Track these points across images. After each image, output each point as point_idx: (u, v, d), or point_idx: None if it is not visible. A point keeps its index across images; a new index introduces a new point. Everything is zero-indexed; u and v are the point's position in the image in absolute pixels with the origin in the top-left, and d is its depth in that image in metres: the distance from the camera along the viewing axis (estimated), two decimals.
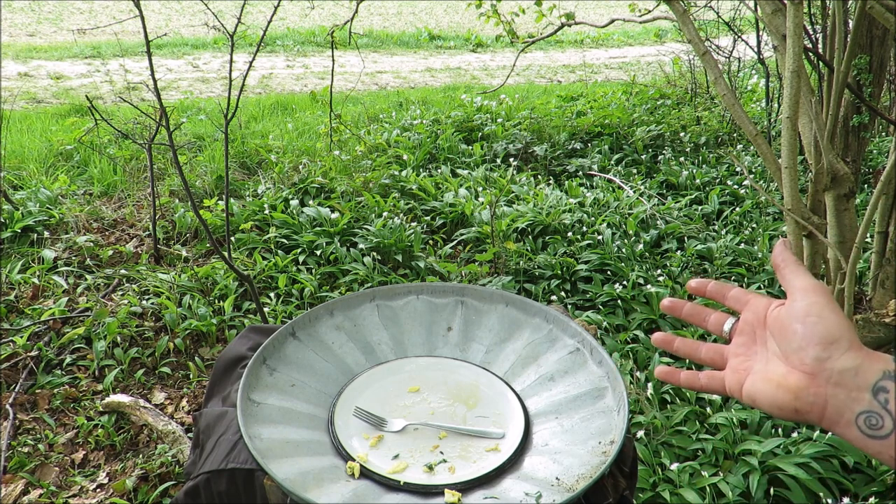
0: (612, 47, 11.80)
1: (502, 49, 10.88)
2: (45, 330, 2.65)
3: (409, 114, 5.76)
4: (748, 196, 4.06)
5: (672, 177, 4.42)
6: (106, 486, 2.03)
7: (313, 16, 11.34)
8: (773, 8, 2.05)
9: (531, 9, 4.27)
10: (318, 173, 4.11)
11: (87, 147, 4.40)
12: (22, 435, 2.19)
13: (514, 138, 5.05)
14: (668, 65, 7.35)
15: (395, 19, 13.87)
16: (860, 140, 3.11)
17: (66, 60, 8.12)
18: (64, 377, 2.45)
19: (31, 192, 3.67)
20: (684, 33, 2.14)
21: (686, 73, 6.60)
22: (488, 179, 4.36)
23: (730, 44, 5.65)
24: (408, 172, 4.24)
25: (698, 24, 5.50)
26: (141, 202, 3.89)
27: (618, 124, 5.37)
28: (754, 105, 5.96)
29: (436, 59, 10.05)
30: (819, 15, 3.63)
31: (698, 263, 3.34)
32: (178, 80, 7.47)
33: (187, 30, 10.52)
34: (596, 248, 3.40)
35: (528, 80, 8.67)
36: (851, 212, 2.28)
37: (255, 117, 5.79)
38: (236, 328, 2.75)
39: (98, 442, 2.19)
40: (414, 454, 0.98)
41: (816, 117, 2.06)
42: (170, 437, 2.16)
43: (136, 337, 2.65)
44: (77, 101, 5.96)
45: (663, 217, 3.73)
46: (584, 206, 3.91)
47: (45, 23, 11.09)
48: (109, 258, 3.20)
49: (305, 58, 9.42)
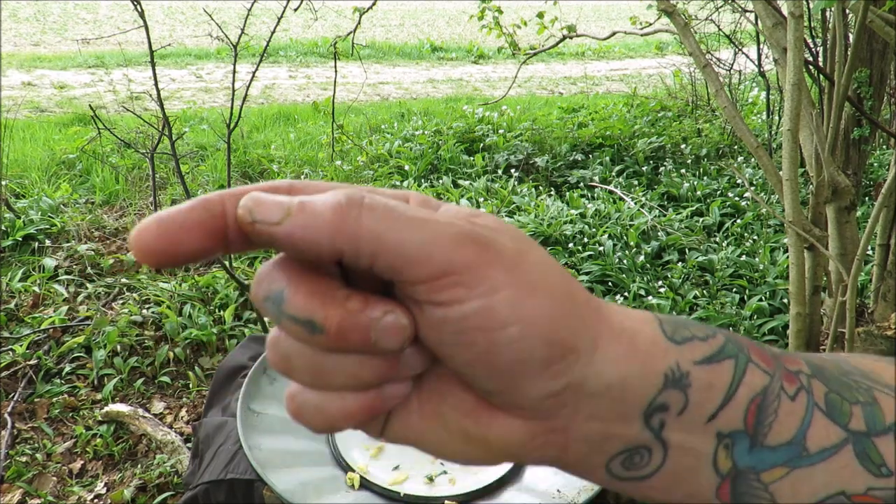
0: (613, 59, 11.85)
1: (504, 61, 10.93)
2: (45, 338, 2.65)
3: (411, 124, 5.77)
4: (749, 208, 4.06)
5: (673, 188, 4.42)
6: (104, 497, 2.01)
7: (316, 27, 11.40)
8: (774, 21, 2.06)
9: (533, 21, 4.29)
10: None
11: (89, 156, 4.41)
12: (20, 444, 2.18)
13: (515, 149, 5.07)
14: (669, 77, 7.38)
15: (397, 31, 13.95)
16: (861, 153, 3.12)
17: (70, 70, 8.16)
18: (63, 386, 2.44)
19: (32, 201, 3.67)
20: (685, 46, 2.15)
21: (687, 86, 6.63)
22: (490, 190, 4.37)
23: (731, 56, 5.67)
24: (409, 183, 4.24)
25: (699, 37, 5.53)
26: (143, 211, 3.90)
27: (619, 136, 5.38)
28: (755, 117, 5.98)
29: (438, 70, 10.09)
30: (819, 28, 3.65)
31: (699, 275, 3.33)
32: (181, 90, 7.50)
33: (191, 40, 10.58)
34: (597, 259, 3.40)
35: (529, 91, 8.70)
36: (853, 224, 2.28)
37: (258, 127, 5.81)
38: (237, 338, 2.74)
39: (96, 451, 2.18)
40: (414, 465, 0.98)
41: (817, 130, 2.07)
42: (169, 447, 2.15)
43: (135, 346, 2.64)
44: (80, 110, 5.99)
45: (664, 229, 3.73)
46: (585, 218, 3.92)
47: (50, 32, 11.16)
48: (110, 267, 3.20)
49: (308, 68, 9.46)
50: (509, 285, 0.27)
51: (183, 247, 0.26)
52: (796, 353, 0.33)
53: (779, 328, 2.71)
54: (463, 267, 0.26)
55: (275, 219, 0.26)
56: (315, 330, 0.26)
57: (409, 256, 0.26)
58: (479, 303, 0.26)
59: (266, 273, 0.28)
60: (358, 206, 0.25)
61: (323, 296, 0.26)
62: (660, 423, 0.30)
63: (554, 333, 0.27)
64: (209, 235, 0.27)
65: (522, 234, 0.29)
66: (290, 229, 0.26)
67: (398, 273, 0.26)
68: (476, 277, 0.26)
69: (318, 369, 0.27)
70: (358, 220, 0.25)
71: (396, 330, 0.26)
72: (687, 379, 0.29)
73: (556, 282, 0.28)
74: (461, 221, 0.27)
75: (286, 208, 0.26)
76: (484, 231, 0.27)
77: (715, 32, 5.48)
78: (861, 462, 0.31)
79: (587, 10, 16.55)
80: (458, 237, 0.26)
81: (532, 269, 0.28)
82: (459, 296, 0.26)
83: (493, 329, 0.26)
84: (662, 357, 0.30)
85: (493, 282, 0.26)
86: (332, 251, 0.26)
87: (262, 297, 0.27)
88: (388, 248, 0.25)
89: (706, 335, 0.31)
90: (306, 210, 0.26)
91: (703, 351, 0.30)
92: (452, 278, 0.26)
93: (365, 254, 0.26)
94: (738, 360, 0.31)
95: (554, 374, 0.27)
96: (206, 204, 0.27)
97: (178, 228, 0.26)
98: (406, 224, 0.26)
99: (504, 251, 0.27)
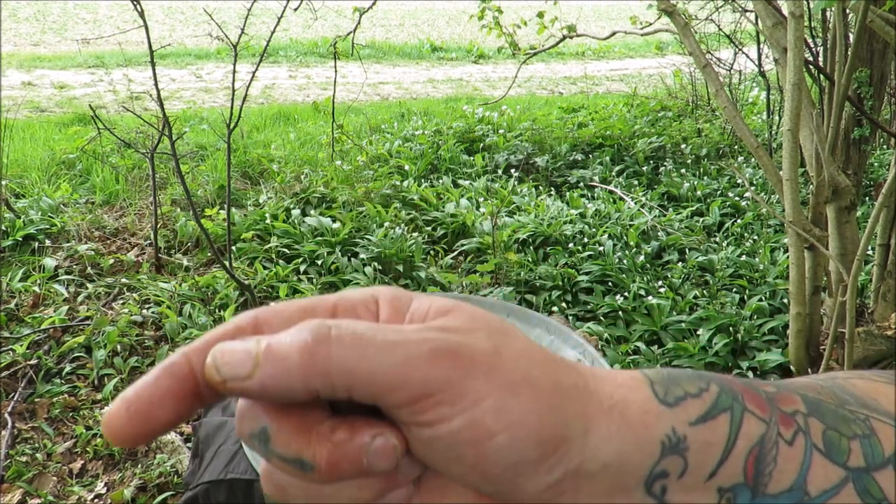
0: (613, 59, 11.85)
1: (504, 61, 10.93)
2: (45, 338, 2.65)
3: (411, 124, 5.77)
4: (749, 208, 4.06)
5: (673, 188, 4.42)
6: (104, 496, 2.01)
7: (316, 27, 11.41)
8: (774, 21, 2.06)
9: (533, 21, 4.29)
10: (319, 183, 4.12)
11: (89, 156, 4.41)
12: (20, 444, 2.18)
13: (515, 149, 5.07)
14: (669, 77, 7.38)
15: (397, 31, 13.95)
16: (861, 153, 3.12)
17: (70, 70, 8.17)
18: (63, 386, 2.44)
19: (32, 201, 3.67)
20: (685, 46, 2.16)
21: (687, 86, 6.63)
22: (490, 190, 4.37)
23: (731, 56, 5.68)
24: (409, 183, 4.24)
25: (699, 37, 5.53)
26: (142, 211, 3.90)
27: (619, 136, 5.39)
28: (755, 117, 5.98)
29: (438, 70, 10.10)
30: (820, 28, 3.65)
31: (699, 275, 3.33)
32: (181, 90, 7.50)
33: (191, 40, 10.58)
34: (597, 259, 3.40)
35: (529, 91, 8.70)
36: (853, 224, 2.28)
37: (258, 127, 5.81)
38: None
39: (97, 451, 2.18)
40: None
41: (817, 130, 2.07)
42: (169, 447, 2.15)
43: (135, 346, 2.64)
44: (80, 110, 5.99)
45: (664, 229, 3.73)
46: (585, 218, 3.92)
47: (50, 32, 11.17)
48: (110, 267, 3.20)
49: (308, 68, 9.46)
50: (491, 392, 0.26)
51: (156, 422, 0.25)
52: (791, 387, 0.33)
53: (779, 328, 2.71)
54: (442, 384, 0.25)
55: (244, 372, 0.25)
56: (306, 467, 0.25)
57: (385, 384, 0.25)
58: (464, 418, 0.25)
59: (247, 409, 0.27)
60: (326, 342, 0.25)
61: (308, 432, 0.26)
62: (661, 488, 0.29)
63: (543, 431, 0.26)
64: (181, 401, 0.26)
65: (498, 325, 0.28)
66: (261, 381, 0.25)
67: (378, 399, 0.25)
68: (456, 392, 0.25)
69: (316, 497, 0.27)
70: (327, 357, 0.25)
71: (387, 452, 0.26)
72: (684, 443, 0.29)
73: (539, 374, 0.27)
74: (432, 334, 0.26)
75: (254, 357, 0.25)
76: (456, 338, 0.26)
77: (715, 32, 5.48)
78: (863, 499, 0.31)
79: (587, 10, 16.54)
80: (430, 354, 0.25)
81: (511, 366, 0.27)
82: (443, 414, 0.25)
83: (481, 441, 0.26)
84: (657, 424, 0.29)
85: (474, 393, 0.26)
86: (307, 392, 0.25)
87: (247, 434, 0.27)
88: (361, 380, 0.25)
89: (699, 389, 0.31)
90: (273, 356, 0.25)
91: (697, 409, 0.30)
92: (433, 398, 0.25)
93: (340, 388, 0.25)
94: (733, 411, 0.30)
95: (549, 468, 0.27)
96: (171, 370, 0.26)
97: (148, 406, 0.25)
98: (377, 351, 0.25)
99: (478, 356, 0.26)
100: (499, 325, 0.28)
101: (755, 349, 2.65)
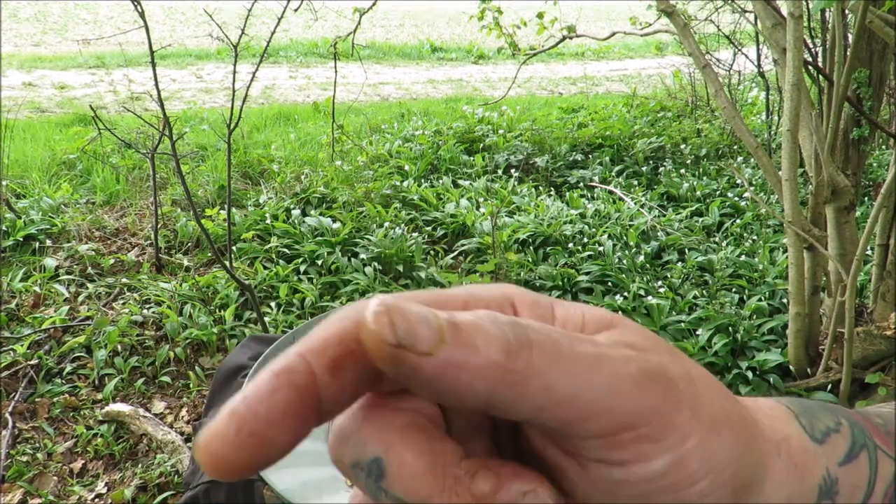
0: (612, 60, 11.85)
1: (504, 61, 10.93)
2: (46, 338, 2.65)
3: (411, 125, 5.78)
4: (749, 208, 4.07)
5: (673, 188, 4.42)
6: (105, 496, 2.02)
7: (316, 27, 11.41)
8: (774, 22, 2.06)
9: (533, 21, 4.30)
10: (319, 183, 4.12)
11: (90, 156, 4.42)
12: (21, 444, 2.19)
13: (515, 150, 5.07)
14: (668, 77, 7.39)
15: (397, 31, 13.95)
16: (860, 153, 3.12)
17: (71, 70, 8.17)
18: (64, 386, 2.44)
19: (33, 201, 3.68)
20: (685, 46, 2.16)
21: (686, 86, 6.63)
22: (489, 190, 4.38)
23: (730, 57, 5.68)
24: (409, 183, 4.25)
25: (699, 38, 5.53)
26: (143, 211, 3.90)
27: (619, 136, 5.39)
28: (754, 118, 5.98)
29: (438, 70, 10.10)
30: (819, 29, 3.66)
31: (699, 275, 3.34)
32: (181, 91, 7.51)
33: (191, 41, 10.58)
34: (597, 259, 3.40)
35: (529, 91, 8.70)
36: (852, 224, 2.28)
37: (258, 127, 5.81)
38: (237, 337, 2.75)
39: (97, 451, 2.19)
40: None
41: (817, 130, 2.07)
42: (169, 447, 2.16)
43: (136, 346, 2.65)
44: (81, 110, 5.99)
45: (664, 229, 3.73)
46: (585, 218, 3.92)
47: (50, 33, 11.17)
48: (111, 267, 3.20)
49: (308, 69, 9.47)
50: (695, 429, 0.21)
51: (273, 448, 0.19)
52: (891, 412, 0.32)
53: (778, 328, 2.71)
54: (649, 416, 0.20)
55: (425, 345, 0.18)
56: None
57: (588, 409, 0.20)
58: (667, 459, 0.20)
59: (351, 428, 0.21)
60: (527, 346, 0.19)
61: (441, 475, 0.19)
62: None
63: (738, 477, 0.22)
64: (304, 420, 0.20)
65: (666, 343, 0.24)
66: (443, 365, 0.18)
67: (568, 427, 0.20)
68: (663, 427, 0.20)
69: None
70: (529, 366, 0.19)
71: None
72: (836, 486, 0.27)
73: (729, 407, 0.23)
74: (631, 352, 0.21)
75: (436, 330, 0.18)
76: (656, 358, 0.22)
77: (714, 33, 5.48)
78: None
79: (587, 11, 16.54)
80: (639, 378, 0.20)
81: (707, 397, 0.22)
82: (645, 452, 0.20)
83: (680, 488, 0.21)
84: (814, 465, 0.26)
85: (680, 430, 0.21)
86: (484, 402, 0.19)
87: (348, 462, 0.21)
88: (559, 400, 0.19)
89: (836, 424, 0.28)
90: (463, 339, 0.18)
91: (842, 447, 0.28)
92: (636, 432, 0.20)
93: (527, 409, 0.19)
94: (868, 449, 0.28)
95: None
96: (290, 377, 0.19)
97: (265, 426, 0.19)
98: (579, 366, 0.20)
99: (681, 383, 0.22)
100: (666, 342, 0.24)
101: (754, 349, 2.65)
